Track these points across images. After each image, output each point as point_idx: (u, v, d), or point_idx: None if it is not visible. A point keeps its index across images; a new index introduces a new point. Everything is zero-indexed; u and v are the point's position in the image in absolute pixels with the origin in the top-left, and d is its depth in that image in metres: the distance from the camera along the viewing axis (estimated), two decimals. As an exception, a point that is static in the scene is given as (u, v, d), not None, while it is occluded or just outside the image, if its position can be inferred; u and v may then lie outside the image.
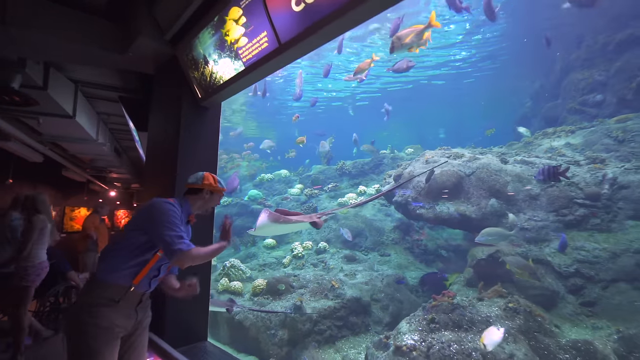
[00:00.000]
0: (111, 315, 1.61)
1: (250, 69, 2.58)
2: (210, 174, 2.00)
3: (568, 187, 6.73)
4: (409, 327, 5.40)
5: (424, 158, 8.62)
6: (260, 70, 2.54)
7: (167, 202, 1.74)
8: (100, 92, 4.65)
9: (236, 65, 2.70)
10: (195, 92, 3.22)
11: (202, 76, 3.04)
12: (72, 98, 4.32)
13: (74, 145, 6.23)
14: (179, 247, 1.59)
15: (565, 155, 7.72)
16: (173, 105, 3.34)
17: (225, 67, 2.76)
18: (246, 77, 2.66)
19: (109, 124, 6.10)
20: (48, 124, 4.77)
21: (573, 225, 6.58)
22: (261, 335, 5.92)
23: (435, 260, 9.67)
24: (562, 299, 6.23)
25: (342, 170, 12.88)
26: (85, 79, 4.26)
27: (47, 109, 4.14)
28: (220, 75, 2.87)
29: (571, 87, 10.40)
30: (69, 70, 3.96)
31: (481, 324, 5.27)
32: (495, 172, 7.34)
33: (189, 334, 3.16)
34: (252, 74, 2.64)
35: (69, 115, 4.28)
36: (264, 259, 8.79)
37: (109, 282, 1.63)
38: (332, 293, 6.85)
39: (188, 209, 1.90)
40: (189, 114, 3.27)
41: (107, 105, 5.15)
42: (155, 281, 1.83)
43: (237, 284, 7.04)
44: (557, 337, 5.21)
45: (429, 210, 7.55)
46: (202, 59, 2.95)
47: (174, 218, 1.68)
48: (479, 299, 6.11)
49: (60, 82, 3.97)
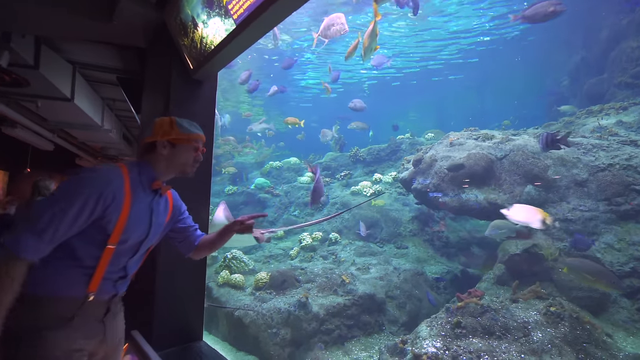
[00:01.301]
0: (65, 339, 1.18)
1: (242, 26, 2.13)
2: (168, 118, 1.43)
3: (624, 171, 5.66)
4: (429, 331, 4.65)
5: (447, 140, 7.68)
6: (254, 28, 2.11)
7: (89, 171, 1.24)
8: (101, 75, 4.50)
9: (227, 25, 2.29)
10: (187, 64, 2.84)
11: (192, 43, 2.72)
12: (70, 80, 4.16)
13: (80, 132, 6.20)
14: (18, 239, 1.08)
15: (617, 134, 6.58)
16: (163, 80, 3.03)
17: (216, 29, 2.41)
18: (239, 38, 2.25)
19: (115, 110, 5.95)
20: (48, 108, 4.66)
21: (630, 217, 5.55)
22: (261, 334, 5.34)
23: (458, 253, 8.79)
24: (614, 303, 5.28)
25: (356, 158, 12.05)
26: (84, 61, 4.06)
27: (41, 90, 3.98)
28: (210, 39, 2.52)
29: (622, 57, 8.99)
30: (65, 51, 3.77)
31: (517, 331, 4.45)
32: (533, 155, 6.33)
33: (182, 333, 2.84)
34: (245, 34, 2.18)
35: (66, 97, 4.12)
36: (270, 250, 8.21)
37: (53, 294, 1.18)
38: (342, 289, 6.17)
39: (149, 173, 1.38)
40: (180, 88, 2.93)
41: (111, 90, 5.00)
42: (123, 282, 1.37)
43: (238, 276, 6.49)
44: (612, 350, 4.32)
45: (453, 199, 6.67)
46: (191, 21, 2.63)
47: (72, 194, 1.16)
48: (512, 300, 5.26)
49: (56, 63, 3.83)
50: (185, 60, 2.80)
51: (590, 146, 6.23)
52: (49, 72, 3.62)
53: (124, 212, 1.24)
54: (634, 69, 8.50)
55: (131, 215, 1.27)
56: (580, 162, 6.04)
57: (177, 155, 1.40)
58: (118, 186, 1.24)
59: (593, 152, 6.10)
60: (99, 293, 1.26)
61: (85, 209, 1.16)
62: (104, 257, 1.24)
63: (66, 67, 4.02)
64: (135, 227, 1.30)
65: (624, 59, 8.81)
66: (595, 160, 5.94)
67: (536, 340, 4.26)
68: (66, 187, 1.18)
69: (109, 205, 1.20)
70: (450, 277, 7.59)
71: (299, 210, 10.04)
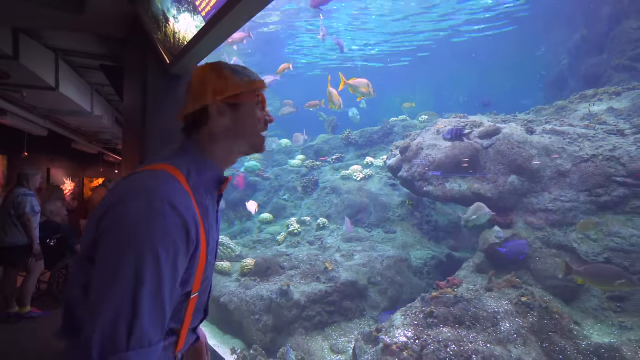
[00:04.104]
0: None
1: (211, 24, 2.05)
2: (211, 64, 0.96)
3: (606, 162, 5.62)
4: (403, 320, 4.83)
5: (435, 127, 7.56)
6: (223, 26, 2.02)
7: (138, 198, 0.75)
8: (87, 62, 4.38)
9: (196, 22, 2.21)
10: (163, 57, 2.75)
11: (165, 37, 2.63)
12: (53, 68, 4.07)
13: (71, 118, 6.17)
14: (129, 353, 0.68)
15: (606, 122, 6.47)
16: (140, 72, 2.97)
17: (186, 24, 2.33)
18: (209, 36, 2.18)
19: (105, 95, 5.87)
20: (35, 96, 4.61)
21: (608, 207, 5.58)
22: (245, 320, 5.57)
23: (446, 237, 8.94)
24: (586, 291, 5.44)
25: (348, 140, 11.93)
26: (67, 47, 3.94)
27: (24, 80, 3.92)
28: (182, 35, 2.44)
29: (622, 38, 8.60)
30: (44, 37, 3.63)
31: (486, 320, 4.62)
32: (519, 144, 6.26)
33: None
34: (215, 31, 2.11)
35: (50, 87, 4.05)
36: (258, 235, 8.35)
37: None
38: (324, 276, 6.35)
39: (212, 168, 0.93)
40: (157, 82, 2.86)
41: (99, 75, 4.89)
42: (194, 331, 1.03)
43: (224, 263, 6.65)
44: (576, 339, 4.50)
45: (437, 187, 6.67)
46: (162, 15, 2.55)
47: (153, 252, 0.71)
48: (487, 288, 5.41)
49: (37, 51, 3.71)
50: (161, 54, 2.73)
51: (576, 135, 6.14)
52: (30, 62, 3.54)
53: (202, 243, 0.84)
54: (632, 51, 8.16)
55: (209, 243, 0.89)
56: (565, 152, 5.98)
57: (242, 121, 0.93)
58: (191, 207, 0.80)
59: (578, 141, 6.02)
60: (185, 346, 0.95)
61: (179, 262, 0.76)
62: (188, 310, 0.88)
63: (48, 54, 3.94)
64: (212, 255, 0.94)
65: (624, 40, 8.44)
66: (580, 150, 5.88)
67: (503, 330, 4.44)
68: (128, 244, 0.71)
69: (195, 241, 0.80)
70: (435, 262, 7.76)
71: (288, 194, 10.10)
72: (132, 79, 3.19)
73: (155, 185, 0.76)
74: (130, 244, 0.70)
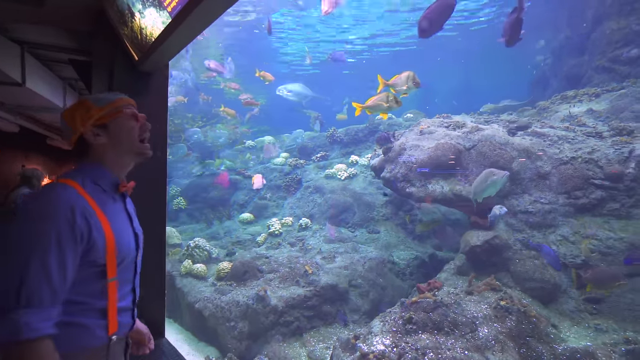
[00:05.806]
0: None
1: (178, 20, 1.93)
2: (76, 102, 1.21)
3: (585, 164, 5.62)
4: (382, 327, 4.73)
5: (418, 128, 7.46)
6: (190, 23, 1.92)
7: (32, 204, 1.04)
8: (56, 55, 4.10)
9: (163, 17, 2.09)
10: (131, 54, 2.61)
11: (132, 33, 2.50)
12: (19, 62, 3.80)
13: (43, 115, 5.86)
14: (21, 318, 0.90)
15: (585, 124, 6.49)
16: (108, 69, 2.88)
17: (153, 20, 2.21)
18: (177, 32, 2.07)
19: (80, 89, 5.53)
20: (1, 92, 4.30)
21: (586, 210, 5.60)
22: (220, 327, 5.36)
23: (431, 236, 8.90)
24: (563, 293, 5.46)
25: (333, 138, 11.75)
26: (33, 40, 3.66)
27: None
28: (149, 31, 2.31)
29: (602, 39, 8.68)
30: (10, 30, 3.37)
31: (465, 326, 4.56)
32: (500, 146, 6.22)
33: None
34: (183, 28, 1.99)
35: (16, 82, 3.79)
36: (238, 236, 8.11)
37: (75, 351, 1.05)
38: (304, 279, 6.19)
39: (105, 175, 1.18)
40: (125, 79, 2.74)
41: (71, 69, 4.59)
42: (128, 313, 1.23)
43: (200, 266, 6.41)
44: (553, 343, 4.49)
45: (420, 189, 6.58)
46: (127, 10, 2.42)
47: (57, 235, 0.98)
48: (467, 292, 5.36)
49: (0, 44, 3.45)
50: (129, 51, 2.58)
51: (556, 138, 6.14)
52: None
53: (106, 232, 1.08)
54: (612, 52, 8.25)
55: (115, 232, 1.12)
56: (545, 154, 5.97)
57: (116, 135, 1.17)
58: (83, 206, 1.04)
59: (558, 144, 6.02)
60: (120, 330, 1.16)
61: (67, 244, 0.98)
62: (110, 292, 1.10)
63: (13, 47, 3.68)
64: (125, 242, 1.15)
65: (604, 41, 8.52)
66: (560, 152, 5.88)
67: (482, 337, 4.38)
68: (22, 234, 0.96)
69: (90, 231, 1.04)
70: (418, 262, 7.71)
71: (270, 193, 9.87)
72: (100, 74, 3.07)
73: (51, 188, 1.06)
74: (24, 226, 0.98)
